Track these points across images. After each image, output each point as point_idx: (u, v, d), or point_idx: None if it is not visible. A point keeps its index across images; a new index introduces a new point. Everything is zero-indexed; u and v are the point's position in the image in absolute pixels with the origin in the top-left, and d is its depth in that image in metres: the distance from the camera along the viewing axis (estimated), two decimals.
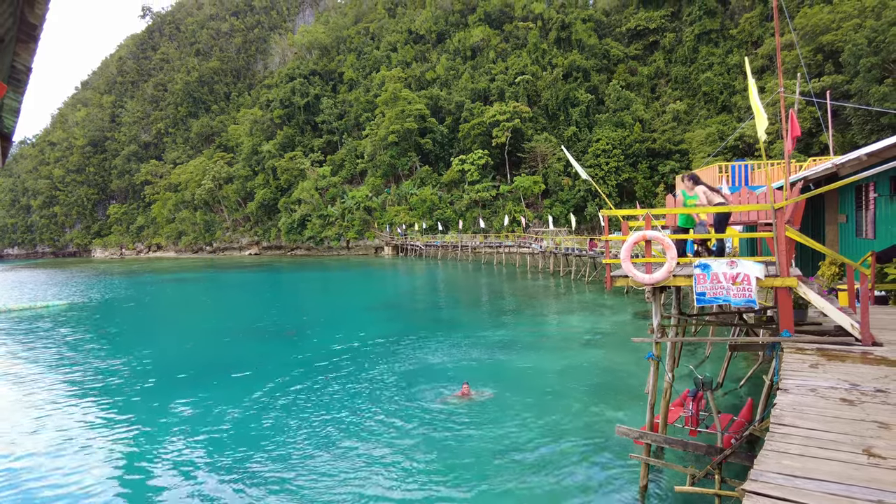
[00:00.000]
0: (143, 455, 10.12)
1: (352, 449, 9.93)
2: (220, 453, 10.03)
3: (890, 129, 40.28)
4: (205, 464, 9.62)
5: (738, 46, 67.70)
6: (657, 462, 8.19)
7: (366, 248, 78.04)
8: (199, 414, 12.27)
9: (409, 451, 9.76)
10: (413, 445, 9.99)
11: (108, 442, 10.81)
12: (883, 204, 10.98)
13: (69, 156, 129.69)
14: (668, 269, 7.48)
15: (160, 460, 9.87)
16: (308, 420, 11.59)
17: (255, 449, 10.11)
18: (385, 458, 9.52)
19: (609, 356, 16.05)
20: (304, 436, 10.68)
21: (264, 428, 11.20)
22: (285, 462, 9.51)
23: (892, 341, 6.79)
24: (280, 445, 10.24)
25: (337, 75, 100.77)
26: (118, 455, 10.16)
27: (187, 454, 10.07)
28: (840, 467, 3.60)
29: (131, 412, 12.65)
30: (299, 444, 10.29)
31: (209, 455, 9.98)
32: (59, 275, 65.63)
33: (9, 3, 2.13)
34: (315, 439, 10.49)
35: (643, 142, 65.65)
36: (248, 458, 9.72)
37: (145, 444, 10.66)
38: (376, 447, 9.97)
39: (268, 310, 30.45)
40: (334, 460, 9.49)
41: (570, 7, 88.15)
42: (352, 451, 9.86)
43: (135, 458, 10.02)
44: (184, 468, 9.49)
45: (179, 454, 10.09)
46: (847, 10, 51.10)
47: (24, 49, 2.43)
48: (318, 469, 9.19)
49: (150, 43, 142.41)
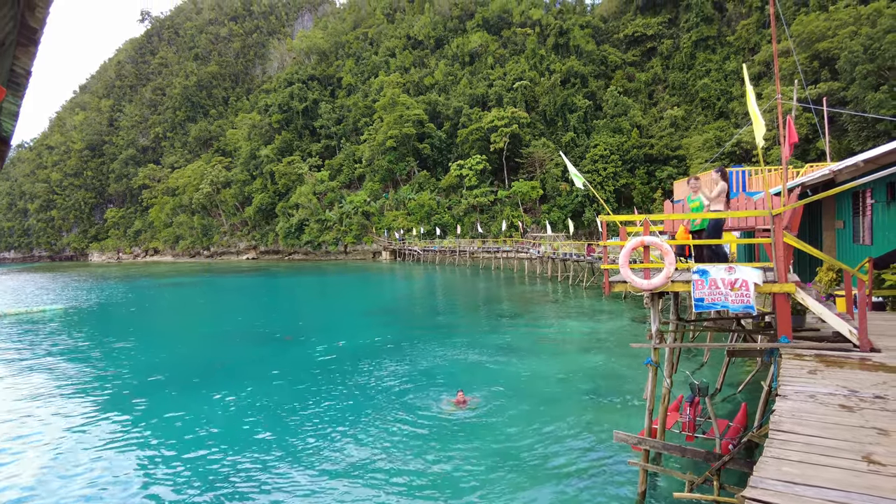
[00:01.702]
0: (135, 458, 10.06)
1: (346, 455, 9.89)
2: (210, 458, 9.97)
3: (886, 136, 40.46)
4: (194, 469, 9.55)
5: (735, 53, 68.10)
6: (655, 468, 8.17)
7: (363, 252, 78.00)
8: (192, 419, 12.19)
9: (404, 458, 9.71)
10: (408, 452, 9.95)
11: (100, 445, 10.74)
12: (880, 210, 11.01)
13: (67, 160, 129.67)
14: (666, 274, 7.48)
15: (152, 464, 9.81)
16: (303, 426, 11.54)
17: (248, 455, 10.06)
18: (380, 465, 9.48)
19: (607, 361, 16.03)
20: (298, 442, 10.64)
21: (258, 434, 11.15)
22: (278, 469, 9.46)
23: (889, 347, 6.80)
24: (274, 452, 10.19)
25: (335, 80, 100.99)
26: (110, 458, 10.09)
27: (177, 460, 10.01)
28: (840, 474, 3.59)
29: (124, 416, 12.58)
30: (293, 450, 10.23)
31: (197, 460, 9.92)
32: (55, 279, 65.39)
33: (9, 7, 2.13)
34: (309, 445, 10.44)
35: (641, 147, 65.87)
36: (240, 464, 9.67)
37: (138, 447, 10.59)
38: (371, 454, 9.92)
39: (264, 314, 30.37)
40: (328, 467, 9.45)
41: (568, 13, 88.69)
42: (346, 457, 9.82)
43: (127, 461, 9.95)
44: (174, 473, 9.43)
45: (170, 459, 10.03)
46: (843, 18, 51.44)
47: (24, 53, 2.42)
48: (311, 476, 9.15)
49: (149, 47, 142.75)
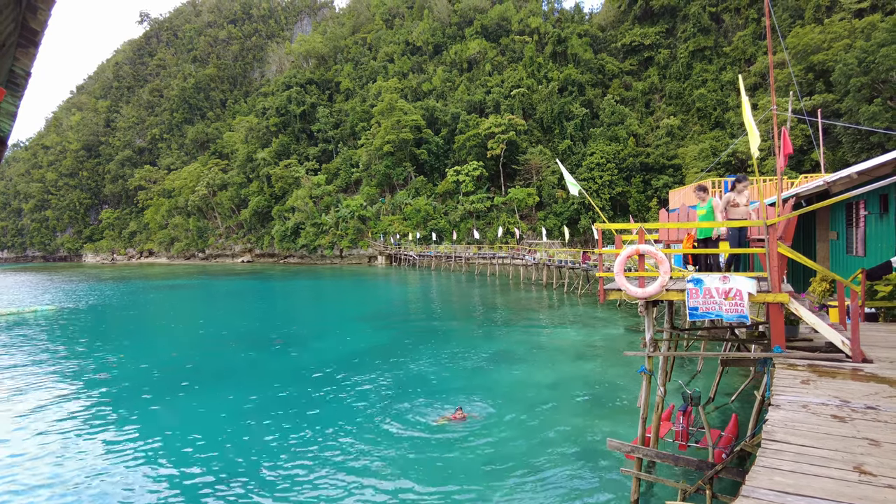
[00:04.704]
0: (121, 462, 9.98)
1: (336, 463, 9.81)
2: (194, 465, 9.90)
3: (879, 148, 40.83)
4: (171, 479, 9.41)
5: (731, 64, 68.63)
6: (648, 477, 8.17)
7: (359, 257, 77.86)
8: (177, 424, 12.08)
9: (397, 466, 9.66)
10: (401, 459, 9.90)
11: (88, 447, 10.67)
12: (873, 222, 11.09)
13: (62, 160, 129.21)
14: (661, 283, 7.52)
15: (136, 467, 9.73)
16: (291, 433, 11.43)
17: (234, 463, 9.95)
18: (370, 474, 9.40)
19: (601, 369, 16.04)
20: (286, 451, 10.47)
21: (244, 441, 11.04)
22: (264, 478, 9.37)
23: (881, 358, 6.84)
24: (259, 460, 10.09)
25: (333, 84, 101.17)
26: (97, 461, 10.02)
27: (161, 464, 9.93)
28: (831, 484, 3.60)
29: (112, 419, 12.50)
30: (281, 459, 10.06)
31: (181, 467, 9.85)
32: (48, 279, 65.00)
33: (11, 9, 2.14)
34: (299, 453, 10.35)
35: (637, 156, 66.18)
36: (226, 471, 9.60)
37: (124, 450, 10.51)
38: (362, 462, 9.84)
39: (257, 318, 30.26)
40: (318, 474, 9.38)
41: (566, 22, 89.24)
42: (336, 465, 9.74)
43: (113, 464, 9.87)
44: (159, 478, 9.36)
45: (155, 463, 9.95)
46: (837, 31, 52.00)
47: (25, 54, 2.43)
48: (296, 485, 9.09)
49: (148, 49, 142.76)
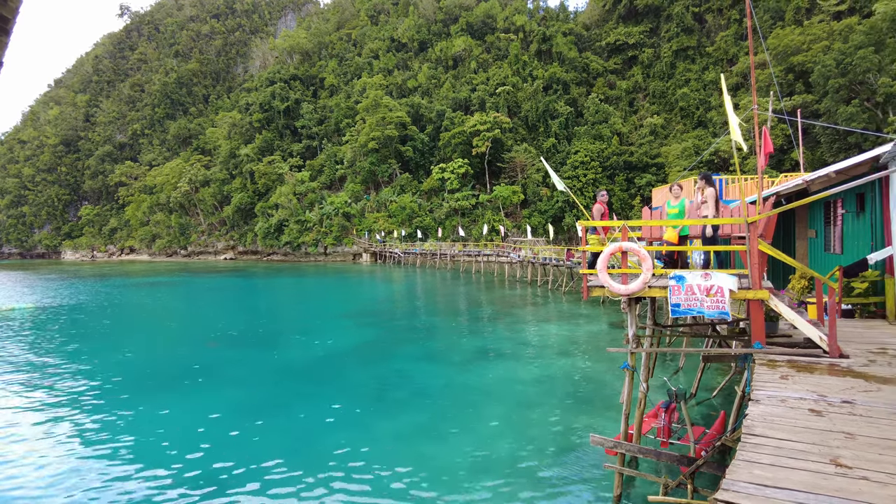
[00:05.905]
0: (98, 461, 9.81)
1: (317, 462, 9.69)
2: (174, 464, 9.78)
3: (856, 148, 41.62)
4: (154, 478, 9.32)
5: (714, 63, 69.48)
6: (631, 472, 8.24)
7: (344, 254, 77.47)
8: (154, 425, 11.86)
9: (380, 464, 9.60)
10: (384, 457, 9.87)
11: (65, 447, 10.47)
12: (850, 220, 11.29)
13: (40, 154, 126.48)
14: (643, 280, 7.58)
15: (114, 467, 9.57)
16: (270, 431, 11.33)
17: (213, 460, 9.82)
18: (350, 471, 9.34)
19: (584, 366, 16.16)
20: (267, 449, 10.34)
21: (224, 439, 10.91)
22: (243, 477, 9.30)
23: (857, 353, 6.98)
24: (240, 461, 9.97)
25: (318, 80, 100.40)
26: (75, 461, 9.84)
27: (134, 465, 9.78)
28: (809, 477, 3.66)
29: (90, 418, 12.27)
30: (261, 458, 9.92)
31: (154, 468, 9.73)
32: (26, 277, 63.71)
33: None
34: (280, 452, 10.26)
35: (620, 154, 66.70)
36: (203, 470, 9.50)
37: (102, 450, 10.34)
38: (344, 461, 9.74)
39: (239, 316, 29.96)
40: (298, 473, 9.30)
41: (551, 20, 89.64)
42: (317, 464, 9.63)
43: (90, 464, 9.71)
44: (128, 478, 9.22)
45: (128, 464, 9.79)
46: (817, 33, 52.87)
47: None
48: (277, 482, 9.02)
49: (128, 42, 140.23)
